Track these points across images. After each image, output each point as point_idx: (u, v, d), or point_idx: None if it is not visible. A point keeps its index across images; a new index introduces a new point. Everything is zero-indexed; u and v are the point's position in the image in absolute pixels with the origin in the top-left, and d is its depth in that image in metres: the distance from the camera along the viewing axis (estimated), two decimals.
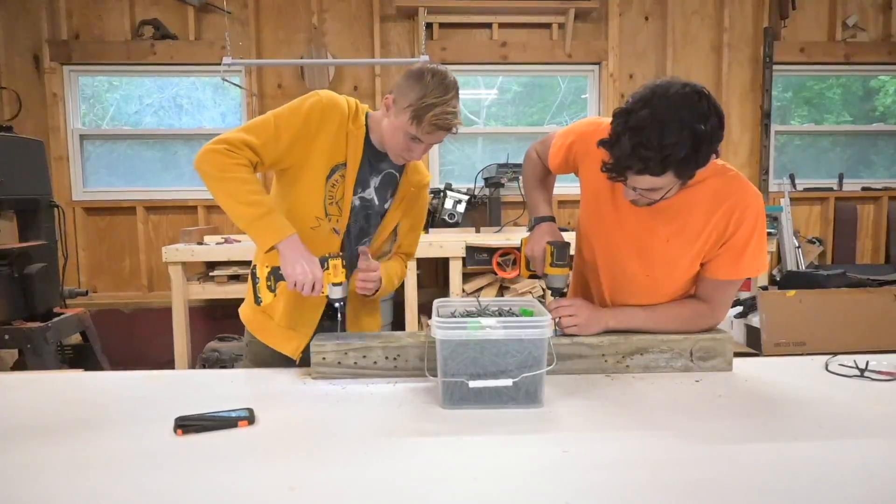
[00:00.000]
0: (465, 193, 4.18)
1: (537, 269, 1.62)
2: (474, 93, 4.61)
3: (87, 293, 3.33)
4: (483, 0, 4.27)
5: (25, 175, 2.78)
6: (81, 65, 4.23)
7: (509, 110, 4.67)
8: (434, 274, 4.39)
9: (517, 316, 1.40)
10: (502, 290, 3.71)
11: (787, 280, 3.75)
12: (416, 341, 1.43)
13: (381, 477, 0.95)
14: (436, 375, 1.27)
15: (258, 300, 1.45)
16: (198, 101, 4.47)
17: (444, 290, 3.74)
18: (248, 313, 1.67)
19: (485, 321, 1.25)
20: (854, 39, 4.46)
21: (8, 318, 2.66)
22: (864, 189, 4.62)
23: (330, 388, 1.36)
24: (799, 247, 4.40)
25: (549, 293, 1.55)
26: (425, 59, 3.96)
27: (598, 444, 1.06)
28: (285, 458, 1.02)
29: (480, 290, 3.68)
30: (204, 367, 3.35)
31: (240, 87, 4.24)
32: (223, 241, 3.80)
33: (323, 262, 1.41)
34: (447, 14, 4.27)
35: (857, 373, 1.43)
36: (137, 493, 0.90)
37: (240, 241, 3.74)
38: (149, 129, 4.42)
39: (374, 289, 1.55)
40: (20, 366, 2.80)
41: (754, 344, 3.14)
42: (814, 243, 4.53)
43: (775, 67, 4.40)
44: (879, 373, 1.41)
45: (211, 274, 3.71)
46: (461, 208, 4.10)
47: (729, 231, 1.37)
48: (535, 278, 1.82)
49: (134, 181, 4.40)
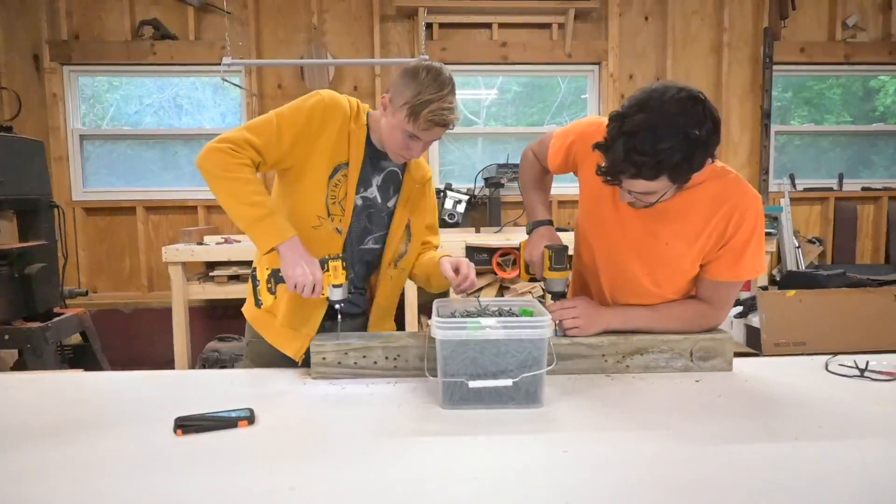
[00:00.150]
0: (465, 193, 4.18)
1: (536, 274, 1.61)
2: (474, 93, 4.61)
3: (87, 293, 3.33)
4: (483, 0, 4.27)
5: (25, 175, 2.78)
6: (81, 65, 4.23)
7: (509, 110, 4.67)
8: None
9: (517, 316, 1.40)
10: (502, 290, 3.71)
11: (787, 280, 3.75)
12: (416, 341, 1.43)
13: (380, 477, 0.95)
14: (436, 375, 1.27)
15: (258, 303, 1.45)
16: (198, 101, 4.47)
17: (444, 291, 3.74)
18: (252, 312, 1.67)
19: (485, 321, 1.25)
20: (854, 39, 4.45)
21: (8, 318, 2.66)
22: (864, 189, 4.62)
23: (330, 389, 1.36)
24: (799, 247, 4.40)
25: (550, 296, 1.55)
26: (425, 59, 3.96)
27: (598, 444, 1.06)
28: (285, 458, 1.02)
29: (480, 290, 3.68)
30: (204, 367, 3.35)
31: (240, 87, 4.24)
32: (223, 241, 3.80)
33: (323, 263, 1.40)
34: (447, 14, 4.27)
35: (857, 373, 1.43)
36: (137, 493, 0.90)
37: (240, 241, 3.74)
38: (149, 129, 4.42)
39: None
40: (20, 366, 2.79)
41: (754, 344, 3.14)
42: (814, 243, 4.53)
43: (775, 67, 4.40)
44: (879, 373, 1.41)
45: (211, 274, 3.71)
46: (461, 208, 4.10)
47: (728, 233, 1.37)
48: (535, 282, 1.82)
49: (134, 181, 4.40)
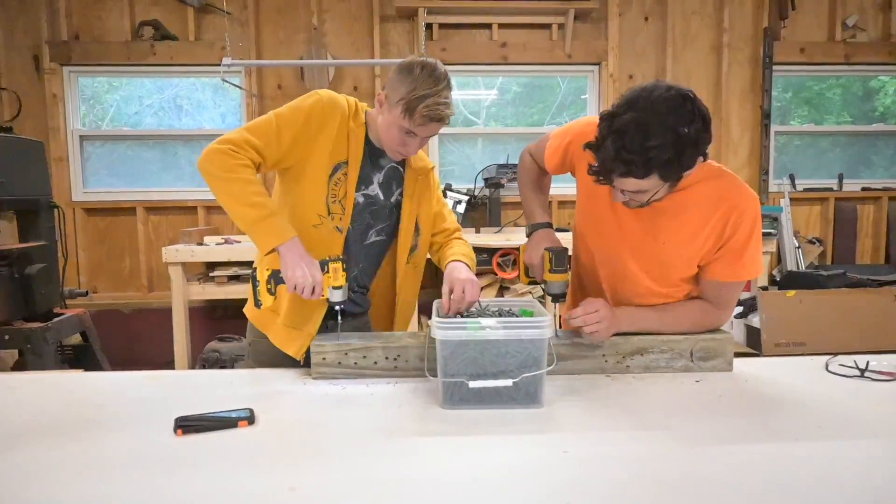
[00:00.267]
0: (465, 194, 4.18)
1: (536, 276, 1.61)
2: (474, 93, 4.61)
3: (87, 293, 3.33)
4: (483, 0, 4.27)
5: (25, 176, 2.78)
6: (81, 65, 4.23)
7: (509, 111, 4.67)
8: (434, 274, 4.38)
9: (517, 316, 1.40)
10: (502, 290, 3.71)
11: (787, 280, 3.75)
12: (416, 341, 1.43)
13: (381, 477, 0.95)
14: (436, 376, 1.27)
15: (258, 303, 1.46)
16: (198, 101, 4.47)
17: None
18: (253, 312, 1.67)
19: (485, 321, 1.25)
20: (854, 39, 4.45)
21: (8, 319, 2.66)
22: (863, 189, 4.62)
23: (330, 389, 1.36)
24: (799, 247, 4.40)
25: (549, 299, 1.55)
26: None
27: (598, 445, 1.06)
28: (285, 458, 1.02)
29: (480, 290, 3.68)
30: (204, 367, 3.35)
31: (240, 87, 4.24)
32: (223, 241, 3.80)
33: (323, 265, 1.40)
34: (447, 14, 4.27)
35: (857, 373, 1.43)
36: (137, 493, 0.90)
37: (240, 242, 3.74)
38: (149, 129, 4.42)
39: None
40: (20, 366, 2.80)
41: (754, 344, 3.14)
42: (814, 243, 4.53)
43: (775, 68, 4.40)
44: (879, 373, 1.41)
45: (211, 274, 3.71)
46: (461, 209, 4.10)
47: (727, 233, 1.37)
48: (534, 284, 1.81)
49: (134, 182, 4.39)
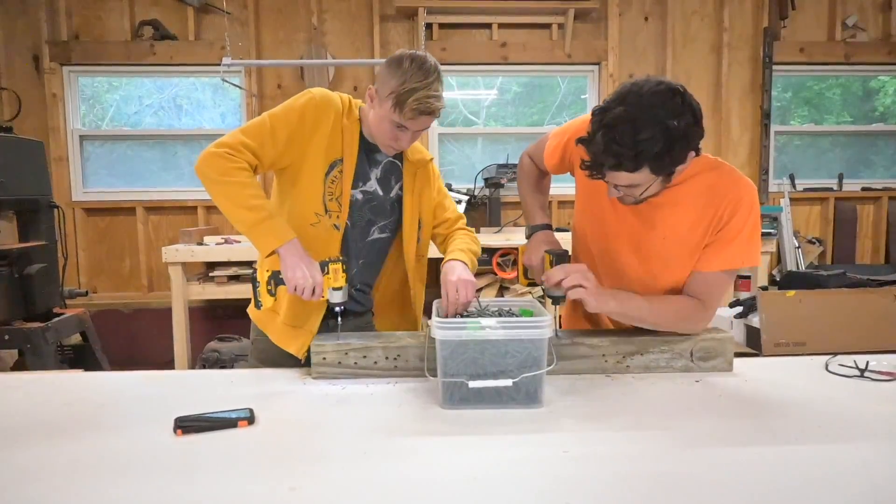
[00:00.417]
0: (465, 194, 4.18)
1: (535, 278, 1.60)
2: (474, 93, 4.61)
3: (87, 293, 3.33)
4: (483, 0, 4.27)
5: (25, 175, 2.78)
6: (81, 65, 4.23)
7: (509, 111, 4.67)
8: (434, 274, 4.38)
9: (517, 316, 1.40)
10: (502, 290, 3.71)
11: (787, 280, 3.74)
12: (416, 341, 1.43)
13: (381, 477, 0.95)
14: (436, 375, 1.27)
15: (258, 304, 1.46)
16: (197, 101, 4.47)
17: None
18: (255, 311, 1.67)
19: (485, 321, 1.25)
20: (854, 39, 4.45)
21: (8, 318, 2.66)
22: (863, 189, 4.62)
23: (330, 388, 1.36)
24: (799, 247, 4.40)
25: (550, 302, 1.55)
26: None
27: (598, 444, 1.06)
28: (285, 458, 1.02)
29: (480, 290, 3.68)
30: (204, 367, 3.35)
31: (240, 87, 4.24)
32: (223, 241, 3.80)
33: (323, 266, 1.41)
34: (447, 14, 4.27)
35: (857, 373, 1.43)
36: (137, 493, 0.90)
37: (239, 242, 3.74)
38: (149, 129, 4.42)
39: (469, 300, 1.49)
40: (20, 366, 2.80)
41: (754, 344, 3.13)
42: (814, 243, 4.53)
43: (775, 67, 4.40)
44: (879, 373, 1.41)
45: (211, 274, 3.71)
46: (461, 209, 4.09)
47: (721, 222, 1.35)
48: (533, 286, 1.80)
49: (134, 182, 4.40)
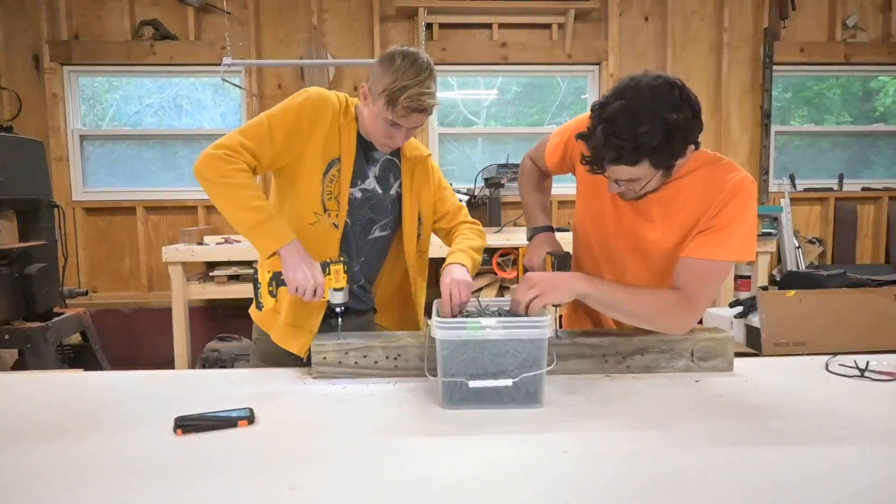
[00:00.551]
0: (465, 194, 4.18)
1: None
2: (474, 93, 4.61)
3: (87, 293, 3.32)
4: (483, 0, 4.27)
5: (25, 175, 2.78)
6: (81, 65, 4.23)
7: (509, 111, 4.67)
8: (434, 274, 4.38)
9: (517, 316, 1.40)
10: (502, 290, 3.71)
11: (787, 280, 3.74)
12: (416, 341, 1.43)
13: (380, 477, 0.95)
14: (436, 375, 1.27)
15: (259, 306, 1.46)
16: (198, 101, 4.47)
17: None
18: (257, 311, 1.67)
19: (485, 321, 1.25)
20: (854, 40, 4.45)
21: (8, 318, 2.65)
22: (864, 189, 4.62)
23: (330, 388, 1.36)
24: (799, 247, 4.40)
25: (552, 307, 1.54)
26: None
27: (598, 444, 1.06)
28: (285, 458, 1.02)
29: (480, 290, 3.68)
30: (204, 367, 3.35)
31: (240, 87, 4.23)
32: (223, 241, 3.80)
33: (325, 267, 1.41)
34: (447, 14, 4.27)
35: (858, 373, 1.43)
36: (137, 492, 0.90)
37: (239, 242, 3.74)
38: (149, 129, 4.42)
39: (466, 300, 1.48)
40: (20, 366, 2.79)
41: (754, 344, 3.13)
42: (814, 243, 4.53)
43: (775, 67, 4.39)
44: (879, 373, 1.41)
45: (211, 274, 3.71)
46: None
47: (714, 209, 1.33)
48: None
49: (134, 181, 4.39)
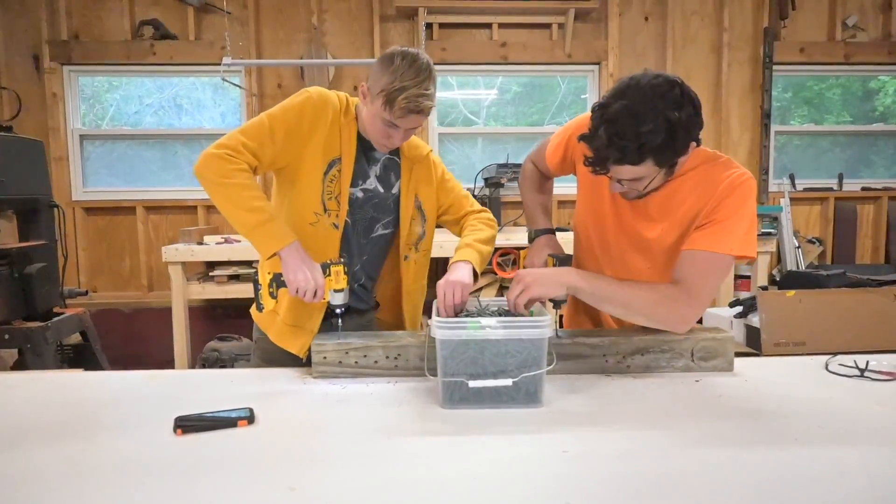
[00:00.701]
0: None
1: None
2: (474, 93, 4.61)
3: (87, 293, 3.32)
4: (483, 0, 4.27)
5: (25, 175, 2.78)
6: (81, 65, 4.23)
7: (509, 110, 4.67)
8: (434, 274, 4.38)
9: (517, 316, 1.40)
10: (502, 290, 3.71)
11: (787, 280, 3.74)
12: (416, 341, 1.43)
13: (380, 477, 0.95)
14: (436, 375, 1.27)
15: (260, 307, 1.46)
16: (198, 101, 4.47)
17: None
18: (257, 312, 1.67)
19: (485, 321, 1.25)
20: (854, 39, 4.45)
21: (8, 318, 2.65)
22: (863, 189, 4.62)
23: (330, 388, 1.36)
24: (799, 247, 4.40)
25: (551, 304, 1.54)
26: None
27: (598, 444, 1.06)
28: (285, 457, 1.02)
29: (480, 290, 3.68)
30: (204, 367, 3.35)
31: (240, 87, 4.23)
32: (223, 240, 3.80)
33: (325, 268, 1.41)
34: (447, 14, 4.27)
35: (857, 373, 1.43)
36: (137, 492, 0.90)
37: (239, 242, 3.74)
38: (149, 129, 4.42)
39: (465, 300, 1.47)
40: (20, 366, 2.79)
41: (754, 344, 3.13)
42: (814, 243, 4.53)
43: (775, 67, 4.39)
44: (879, 373, 1.41)
45: (211, 274, 3.72)
46: None
47: (712, 204, 1.33)
48: None
49: (134, 181, 4.39)
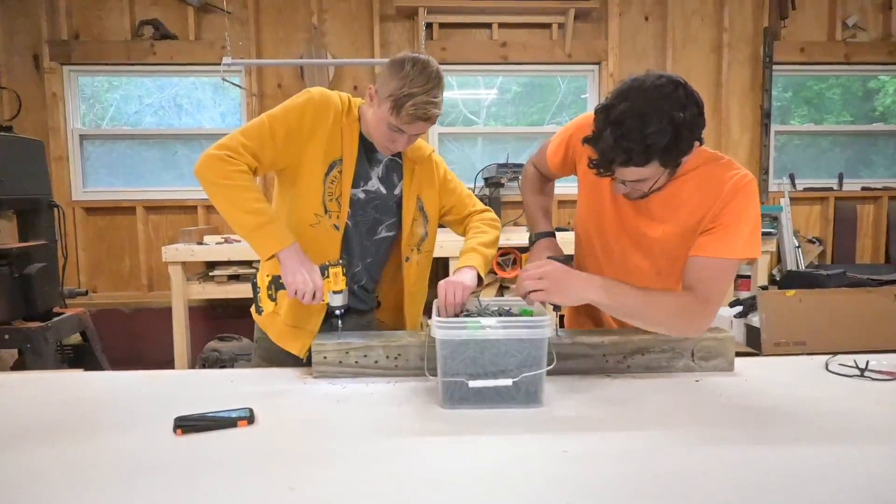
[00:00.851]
0: None
1: None
2: (474, 93, 4.61)
3: (87, 293, 3.32)
4: (483, 0, 4.27)
5: (25, 175, 2.78)
6: (81, 65, 4.23)
7: (509, 110, 4.67)
8: (434, 274, 4.38)
9: (517, 316, 1.40)
10: (502, 289, 3.71)
11: (787, 280, 3.74)
12: (416, 341, 1.43)
13: (380, 477, 0.95)
14: (436, 375, 1.27)
15: (259, 309, 1.47)
16: (198, 101, 4.47)
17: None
18: (257, 314, 1.67)
19: (485, 321, 1.25)
20: (854, 39, 4.45)
21: (8, 318, 2.65)
22: (863, 189, 4.62)
23: (330, 388, 1.36)
24: (799, 246, 4.40)
25: (551, 307, 1.54)
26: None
27: (598, 444, 1.06)
28: (285, 457, 1.02)
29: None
30: (204, 367, 3.35)
31: (240, 87, 4.23)
32: (223, 240, 3.79)
33: (323, 270, 1.41)
34: (447, 14, 4.27)
35: (857, 372, 1.43)
36: (136, 492, 0.90)
37: (239, 242, 3.73)
38: (149, 129, 4.42)
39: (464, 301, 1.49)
40: (20, 366, 2.79)
41: (754, 343, 3.13)
42: (814, 243, 4.53)
43: (775, 67, 4.39)
44: (879, 372, 1.41)
45: (211, 274, 3.71)
46: None
47: (718, 207, 1.33)
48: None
49: (134, 181, 4.39)
